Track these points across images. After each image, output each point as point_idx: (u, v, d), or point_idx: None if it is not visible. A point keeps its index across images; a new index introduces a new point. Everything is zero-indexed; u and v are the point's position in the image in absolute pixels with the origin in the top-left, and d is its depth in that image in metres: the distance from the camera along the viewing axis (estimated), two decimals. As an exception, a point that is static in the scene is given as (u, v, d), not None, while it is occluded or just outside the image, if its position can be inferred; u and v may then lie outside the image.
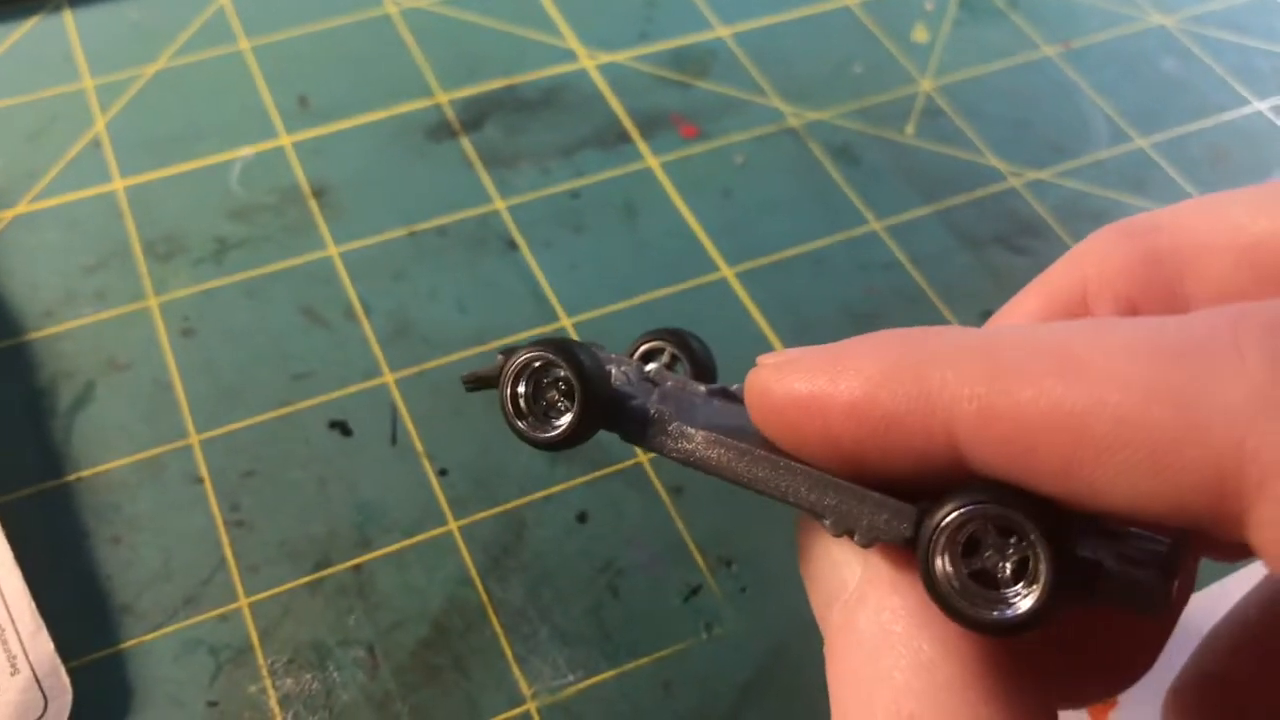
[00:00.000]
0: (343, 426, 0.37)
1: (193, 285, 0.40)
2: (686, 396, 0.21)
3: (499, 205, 0.43)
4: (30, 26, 0.47)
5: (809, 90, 0.48)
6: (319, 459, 0.36)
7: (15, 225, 0.41)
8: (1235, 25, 0.54)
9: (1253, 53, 0.52)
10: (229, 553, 0.34)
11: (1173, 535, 0.16)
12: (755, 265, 0.42)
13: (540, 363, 0.20)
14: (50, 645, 0.31)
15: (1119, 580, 0.16)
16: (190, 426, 0.37)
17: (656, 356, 0.23)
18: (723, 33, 0.50)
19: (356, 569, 0.34)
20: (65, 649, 0.31)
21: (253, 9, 0.49)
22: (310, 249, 0.41)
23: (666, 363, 0.23)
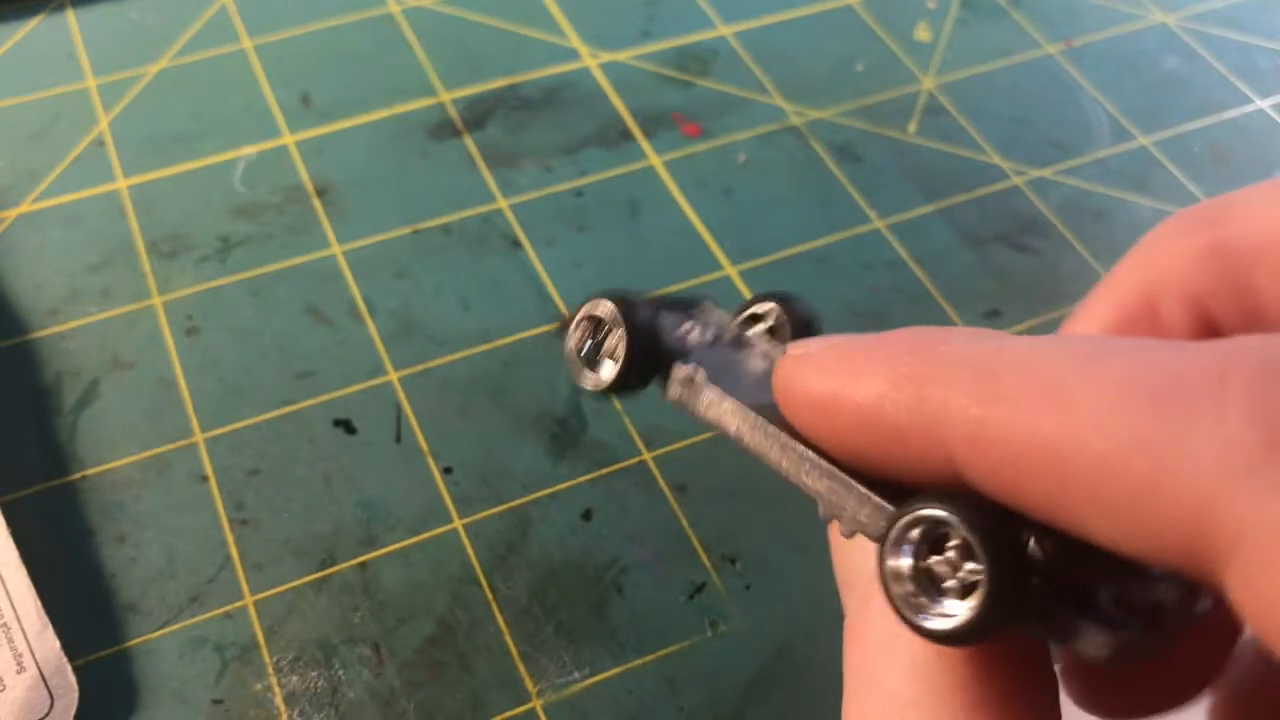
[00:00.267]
0: (347, 425, 0.37)
1: (197, 284, 0.40)
2: (738, 361, 0.22)
3: (502, 204, 0.43)
4: (33, 26, 0.47)
5: (811, 89, 0.49)
6: (323, 457, 0.36)
7: (19, 224, 0.41)
8: (1237, 23, 0.54)
9: (1254, 50, 0.52)
10: (234, 551, 0.34)
11: (1180, 583, 0.16)
12: (758, 264, 0.42)
13: (596, 314, 0.21)
14: (56, 643, 0.31)
15: (1061, 621, 0.15)
16: (195, 425, 0.37)
17: (764, 318, 0.23)
18: (724, 31, 0.50)
19: (361, 567, 0.34)
20: (71, 647, 0.31)
21: (255, 8, 0.49)
22: (314, 248, 0.41)
23: (771, 325, 0.23)
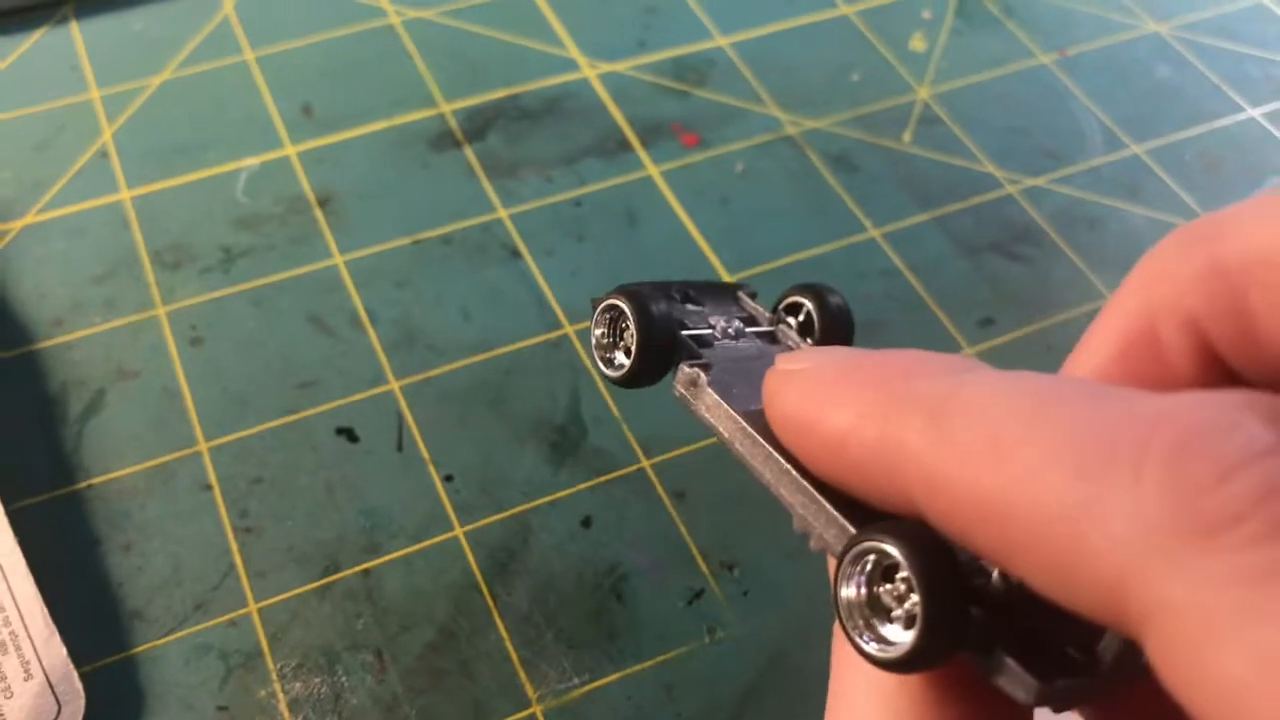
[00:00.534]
0: (349, 433, 0.38)
1: (200, 294, 0.40)
2: (759, 354, 0.22)
3: (502, 214, 0.44)
4: (37, 38, 0.48)
5: (807, 99, 0.49)
6: (326, 466, 0.37)
7: (24, 235, 0.42)
8: (1228, 32, 0.54)
9: (1245, 59, 0.53)
10: (238, 559, 0.35)
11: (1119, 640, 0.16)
12: (755, 272, 0.43)
13: (614, 309, 0.22)
14: (63, 651, 0.32)
15: (995, 658, 0.16)
16: (199, 434, 0.37)
17: (800, 309, 0.24)
18: (722, 42, 0.51)
19: (364, 574, 0.35)
20: (77, 654, 0.32)
21: (257, 20, 0.49)
22: (316, 258, 0.42)
23: (802, 319, 0.23)
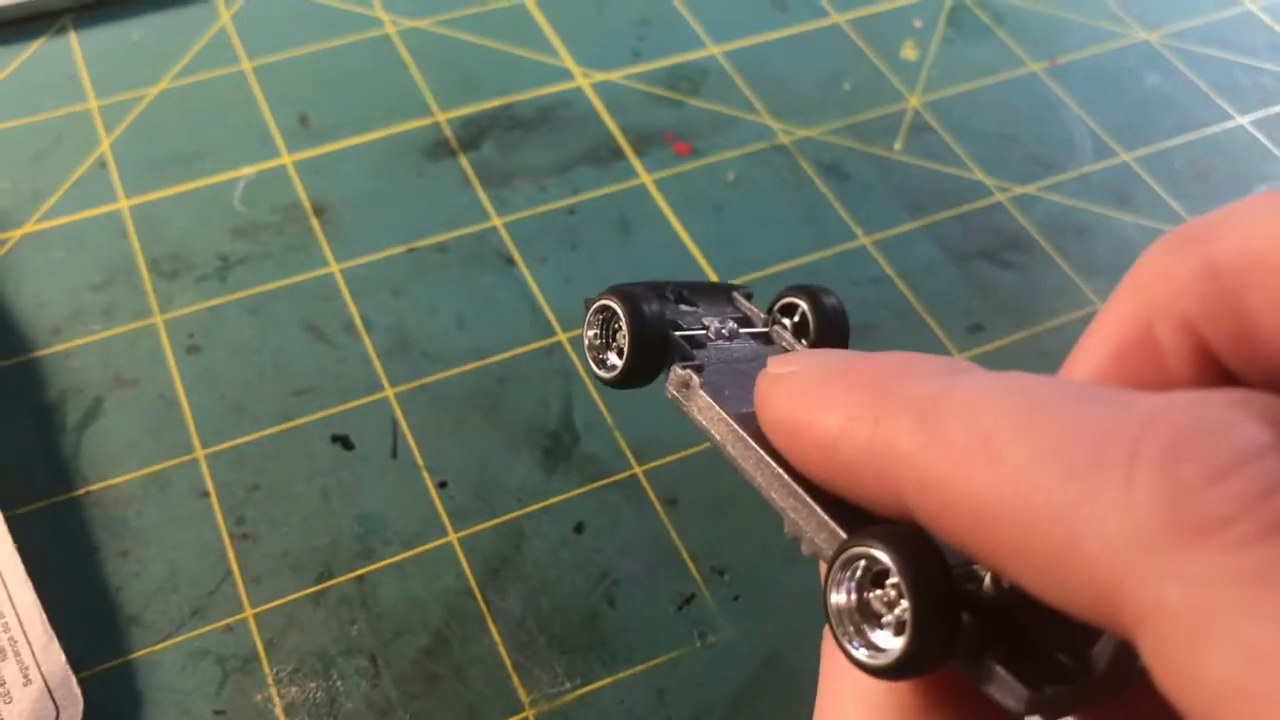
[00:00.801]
0: (344, 440, 0.38)
1: (197, 302, 0.41)
2: (753, 356, 0.22)
3: (496, 222, 0.44)
4: (36, 48, 0.48)
5: (799, 107, 0.49)
6: (321, 472, 0.37)
7: (23, 244, 0.42)
8: (1217, 41, 0.55)
9: (1234, 67, 0.53)
10: (234, 565, 0.35)
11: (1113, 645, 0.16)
12: (747, 279, 0.43)
13: (606, 310, 0.22)
14: (61, 656, 0.32)
15: (985, 665, 0.15)
16: (196, 441, 0.37)
17: (795, 310, 0.24)
18: (714, 51, 0.51)
19: (359, 580, 0.35)
20: (76, 660, 0.32)
21: (254, 30, 0.50)
22: (312, 266, 0.42)
23: (797, 320, 0.23)
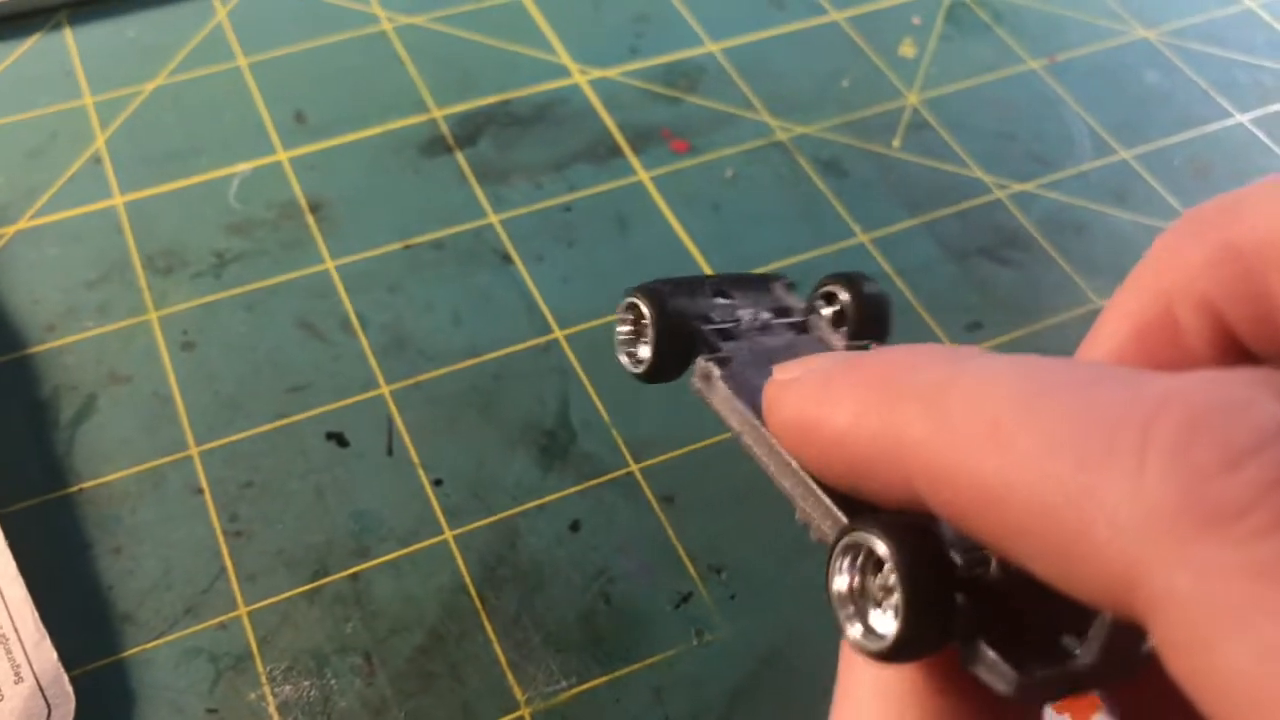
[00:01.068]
0: (339, 438, 0.38)
1: (192, 299, 0.41)
2: (787, 346, 0.22)
3: (493, 219, 0.44)
4: (31, 44, 0.48)
5: (797, 104, 0.49)
6: (316, 470, 0.37)
7: (17, 240, 0.42)
8: (1216, 39, 0.54)
9: (1234, 65, 0.53)
10: (228, 562, 0.35)
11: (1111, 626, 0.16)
12: (745, 277, 0.43)
13: (634, 307, 0.23)
14: (53, 654, 0.32)
15: (977, 649, 0.16)
16: (190, 438, 0.37)
17: (836, 299, 0.24)
18: (712, 48, 0.51)
19: (353, 577, 0.35)
20: (68, 657, 0.32)
21: (250, 26, 0.50)
22: (307, 263, 0.42)
23: (837, 310, 0.23)
